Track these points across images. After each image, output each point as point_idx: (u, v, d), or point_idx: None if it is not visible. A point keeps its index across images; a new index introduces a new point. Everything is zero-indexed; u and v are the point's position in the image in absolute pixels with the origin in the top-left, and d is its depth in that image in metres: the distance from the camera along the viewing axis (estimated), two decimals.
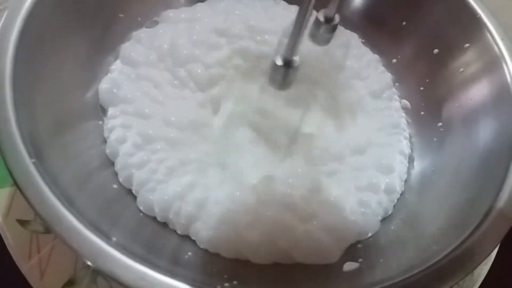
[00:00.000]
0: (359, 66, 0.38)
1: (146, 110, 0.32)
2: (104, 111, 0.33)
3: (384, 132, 0.36)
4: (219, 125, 0.35)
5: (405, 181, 0.35)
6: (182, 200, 0.29)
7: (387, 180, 0.33)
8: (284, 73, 0.26)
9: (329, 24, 0.28)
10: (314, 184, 0.31)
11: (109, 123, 0.32)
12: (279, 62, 0.26)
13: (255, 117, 0.36)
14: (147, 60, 0.35)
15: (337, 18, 0.28)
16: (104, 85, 0.33)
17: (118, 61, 0.35)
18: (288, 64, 0.26)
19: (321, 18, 0.28)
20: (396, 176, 0.34)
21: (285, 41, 0.25)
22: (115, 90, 0.33)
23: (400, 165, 0.35)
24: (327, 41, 0.29)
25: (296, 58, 0.26)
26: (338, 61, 0.37)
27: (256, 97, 0.37)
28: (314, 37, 0.29)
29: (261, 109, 0.36)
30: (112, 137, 0.31)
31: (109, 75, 0.34)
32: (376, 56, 0.40)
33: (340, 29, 0.39)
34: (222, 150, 0.34)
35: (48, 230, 0.31)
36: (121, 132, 0.31)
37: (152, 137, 0.31)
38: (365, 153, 0.34)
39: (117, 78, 0.34)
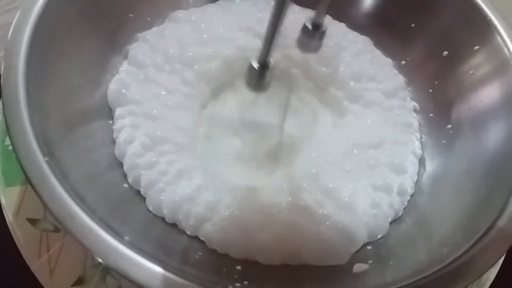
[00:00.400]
0: (374, 71, 0.37)
1: (154, 111, 0.32)
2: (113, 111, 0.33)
3: (396, 129, 0.36)
4: (220, 131, 0.35)
5: (415, 182, 0.35)
6: (193, 202, 0.29)
7: (400, 181, 0.33)
8: (259, 75, 0.26)
9: (317, 32, 0.27)
10: (327, 186, 0.31)
11: (117, 123, 0.32)
12: (255, 64, 0.26)
13: (254, 122, 0.36)
14: (155, 62, 0.35)
15: (325, 25, 0.27)
16: (113, 86, 0.33)
17: (126, 62, 0.35)
18: (263, 66, 0.26)
19: (309, 26, 0.27)
20: (408, 177, 0.34)
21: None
22: (123, 90, 0.33)
23: (412, 166, 0.34)
24: (315, 49, 0.29)
25: (271, 60, 0.26)
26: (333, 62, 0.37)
27: (252, 102, 0.37)
28: (302, 45, 0.29)
29: (258, 115, 0.36)
30: (121, 137, 0.31)
31: (117, 76, 0.34)
32: (389, 60, 0.40)
33: (354, 34, 0.40)
34: (226, 157, 0.34)
35: (57, 228, 0.31)
36: (129, 132, 0.31)
37: (161, 139, 0.31)
38: (379, 148, 0.34)
39: (126, 79, 0.34)
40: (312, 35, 0.28)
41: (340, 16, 0.40)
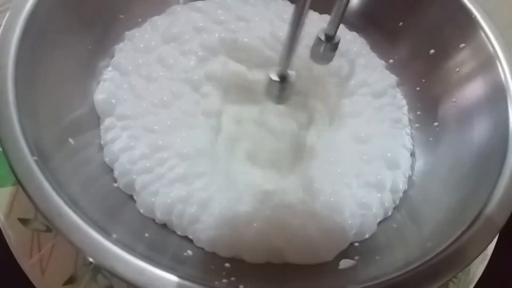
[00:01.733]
0: (368, 75, 0.37)
1: (155, 126, 0.32)
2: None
3: (386, 124, 0.36)
4: (222, 141, 0.35)
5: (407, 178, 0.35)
6: (186, 203, 0.29)
7: (393, 177, 0.33)
8: (280, 88, 0.26)
9: (330, 43, 0.28)
10: (312, 185, 0.31)
11: (109, 133, 0.31)
12: (274, 77, 0.26)
13: (256, 133, 0.36)
14: (137, 65, 0.34)
15: (338, 37, 0.28)
16: (100, 95, 0.33)
17: (110, 67, 0.35)
18: (283, 78, 0.26)
19: (322, 37, 0.27)
20: (401, 173, 0.34)
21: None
22: (113, 101, 0.32)
23: (404, 159, 0.35)
24: (328, 60, 0.29)
25: (291, 72, 0.26)
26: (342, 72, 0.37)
27: (256, 113, 0.37)
28: (315, 56, 0.29)
29: (261, 124, 0.36)
30: (115, 147, 0.31)
31: (102, 83, 0.33)
32: (382, 62, 0.40)
33: (353, 34, 0.40)
34: (226, 167, 0.34)
35: (49, 228, 0.31)
36: (126, 142, 0.31)
37: (160, 148, 0.31)
38: (368, 142, 0.34)
39: (111, 87, 0.33)
40: (325, 46, 0.28)
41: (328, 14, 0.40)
